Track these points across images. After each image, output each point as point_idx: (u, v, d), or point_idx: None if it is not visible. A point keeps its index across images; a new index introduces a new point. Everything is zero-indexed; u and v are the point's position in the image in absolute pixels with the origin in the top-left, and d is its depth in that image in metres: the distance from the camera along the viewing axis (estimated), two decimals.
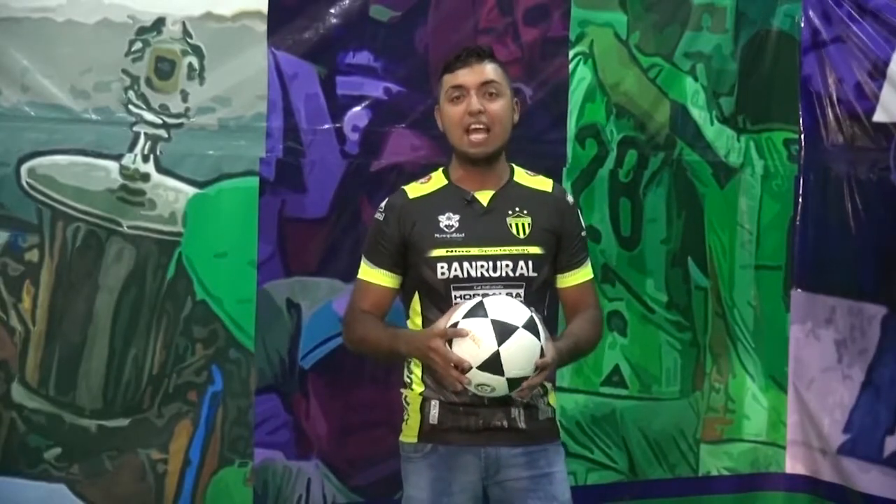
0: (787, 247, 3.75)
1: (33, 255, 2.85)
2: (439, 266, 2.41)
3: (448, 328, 2.28)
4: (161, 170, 2.94)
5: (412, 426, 2.48)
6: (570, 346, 2.44)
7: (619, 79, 3.48)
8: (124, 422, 2.95)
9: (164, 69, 2.93)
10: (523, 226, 2.46)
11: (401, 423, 2.52)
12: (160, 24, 2.92)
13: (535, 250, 2.44)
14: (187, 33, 2.95)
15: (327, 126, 3.14)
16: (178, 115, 2.95)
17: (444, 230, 2.44)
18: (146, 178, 2.92)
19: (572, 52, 3.42)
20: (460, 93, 2.45)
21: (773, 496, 3.76)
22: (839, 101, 3.62)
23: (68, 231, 2.87)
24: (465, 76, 2.45)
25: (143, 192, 2.92)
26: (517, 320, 2.26)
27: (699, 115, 3.60)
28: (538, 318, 2.30)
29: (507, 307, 2.30)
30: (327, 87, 3.13)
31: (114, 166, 2.89)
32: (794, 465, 3.76)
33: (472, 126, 2.43)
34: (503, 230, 2.44)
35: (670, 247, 3.61)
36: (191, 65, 2.96)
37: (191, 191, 2.97)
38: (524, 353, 2.24)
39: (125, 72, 2.90)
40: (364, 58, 3.17)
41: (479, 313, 2.27)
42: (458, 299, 2.39)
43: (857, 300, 3.57)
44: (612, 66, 3.47)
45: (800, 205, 3.75)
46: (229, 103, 3.00)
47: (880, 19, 3.47)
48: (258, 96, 3.04)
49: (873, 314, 3.53)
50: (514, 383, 2.26)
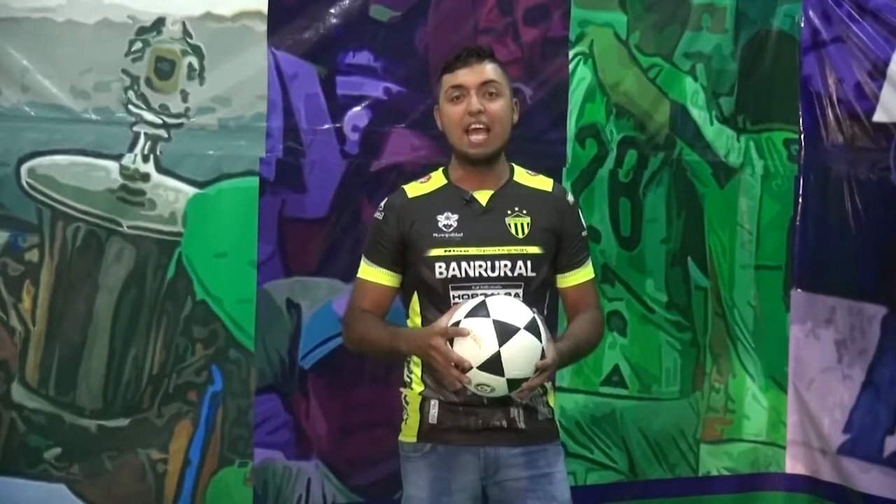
0: (787, 247, 3.75)
1: (33, 255, 2.85)
2: (437, 266, 2.42)
3: (449, 327, 2.28)
4: (161, 170, 2.94)
5: (411, 426, 2.48)
6: (571, 346, 2.44)
7: (619, 79, 3.48)
8: (124, 422, 2.95)
9: (164, 69, 2.93)
10: (522, 225, 2.45)
11: (400, 422, 2.52)
12: (160, 24, 2.92)
13: (533, 250, 2.44)
14: (187, 33, 2.95)
15: (327, 126, 3.14)
16: (178, 115, 2.95)
17: (443, 230, 2.44)
18: (146, 178, 2.92)
19: (572, 52, 3.42)
20: (460, 93, 2.45)
21: (773, 496, 3.76)
22: (839, 101, 3.62)
23: (68, 231, 2.87)
24: (465, 76, 2.45)
25: (143, 192, 2.92)
26: (519, 321, 2.25)
27: (699, 115, 3.60)
28: (540, 320, 2.30)
29: (510, 308, 2.29)
30: (327, 87, 3.13)
31: (114, 166, 2.90)
32: (794, 465, 3.76)
33: (472, 126, 2.43)
34: (502, 230, 2.44)
35: (670, 247, 3.61)
36: (191, 65, 2.96)
37: (191, 191, 2.97)
38: (525, 355, 2.24)
39: (125, 72, 2.90)
40: (364, 58, 3.17)
41: (481, 313, 2.27)
42: (456, 299, 2.39)
43: (857, 300, 3.57)
44: (612, 66, 3.47)
45: (800, 205, 3.75)
46: (229, 103, 3.00)
47: (880, 19, 3.47)
48: (258, 96, 3.04)
49: (873, 314, 3.53)
50: (514, 384, 2.25)
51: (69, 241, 2.87)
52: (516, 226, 2.45)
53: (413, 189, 2.53)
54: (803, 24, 3.70)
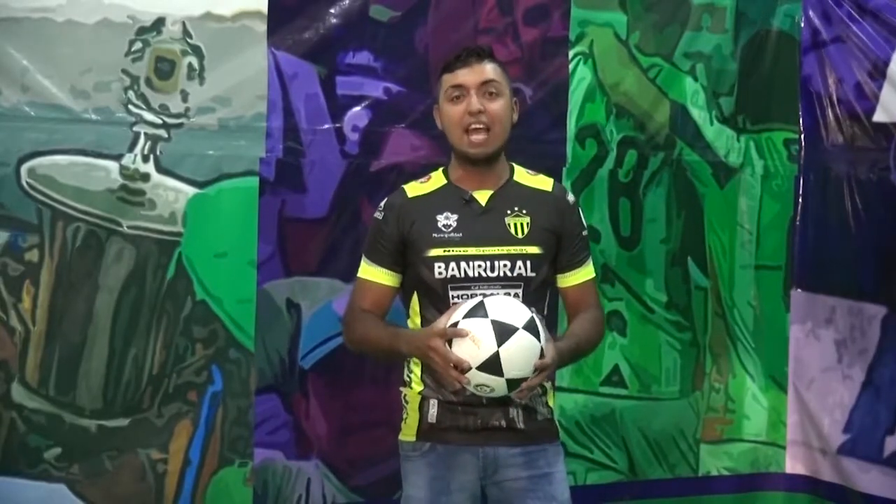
0: (787, 247, 3.75)
1: (33, 255, 2.85)
2: (436, 266, 2.41)
3: (448, 328, 2.27)
4: (161, 170, 2.94)
5: (411, 425, 2.48)
6: (572, 346, 2.44)
7: (619, 79, 3.48)
8: (124, 422, 2.95)
9: (164, 69, 2.94)
10: (522, 225, 2.45)
11: (400, 422, 2.52)
12: (160, 24, 2.92)
13: (533, 250, 2.43)
14: (187, 33, 2.95)
15: (327, 126, 3.14)
16: (178, 115, 2.95)
17: (442, 230, 2.44)
18: (146, 178, 2.92)
19: (572, 52, 3.42)
20: (460, 92, 2.45)
21: (773, 496, 3.76)
22: (839, 101, 3.62)
23: (68, 231, 2.87)
24: (464, 76, 2.45)
25: (143, 192, 2.92)
26: (517, 321, 2.25)
27: (699, 115, 3.60)
28: (539, 319, 2.30)
29: (508, 308, 2.29)
30: (327, 87, 3.13)
31: (114, 166, 2.90)
32: (794, 465, 3.76)
33: (473, 126, 2.43)
34: (501, 230, 2.44)
35: (670, 247, 3.61)
36: (191, 65, 2.96)
37: (191, 191, 2.98)
38: (524, 355, 2.24)
39: (125, 72, 2.90)
40: (364, 58, 3.17)
41: (479, 313, 2.27)
42: (455, 299, 2.39)
43: (857, 300, 3.57)
44: (612, 66, 3.47)
45: (800, 205, 3.75)
46: (229, 103, 3.00)
47: (880, 19, 3.47)
48: (258, 96, 3.04)
49: (873, 314, 3.53)
50: (514, 384, 2.25)
51: (69, 241, 2.87)
52: (516, 226, 2.45)
53: (413, 189, 2.53)
54: (803, 24, 3.70)
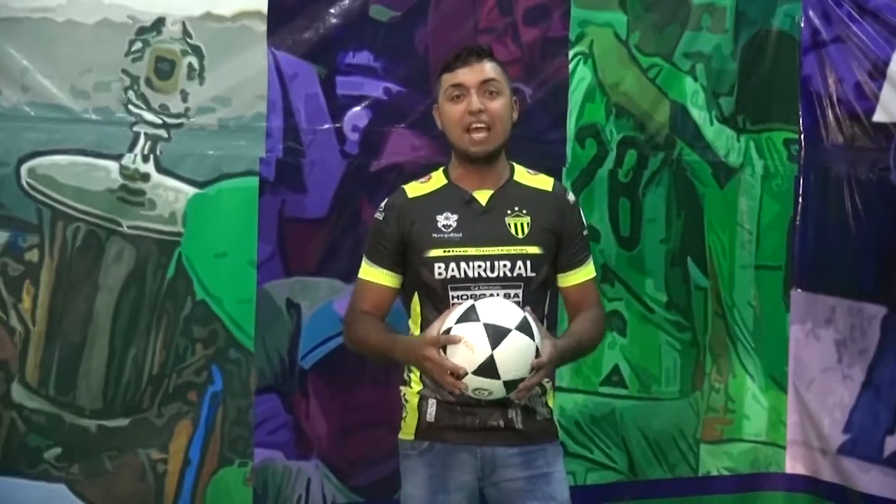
0: (787, 247, 3.75)
1: (33, 255, 2.85)
2: (437, 266, 2.41)
3: (441, 335, 2.27)
4: (161, 170, 2.94)
5: (410, 424, 2.48)
6: (572, 344, 2.44)
7: (619, 79, 3.48)
8: (124, 422, 2.95)
9: (164, 69, 2.94)
10: (522, 225, 2.45)
11: (400, 421, 2.52)
12: (160, 24, 2.92)
13: (533, 250, 2.43)
14: (187, 33, 2.95)
15: (327, 126, 3.14)
16: (178, 115, 2.95)
17: (442, 230, 2.44)
18: (146, 178, 2.92)
19: (572, 52, 3.42)
20: (460, 91, 2.45)
21: (773, 496, 3.76)
22: (839, 101, 3.61)
23: (68, 231, 2.87)
24: (464, 75, 2.44)
25: (143, 192, 2.92)
26: (510, 322, 2.25)
27: (699, 115, 3.60)
28: (531, 318, 2.29)
29: (499, 309, 2.28)
30: (327, 87, 3.13)
31: (114, 166, 2.90)
32: (794, 465, 3.76)
33: (473, 125, 2.43)
34: (501, 230, 2.44)
35: (670, 247, 3.61)
36: (191, 65, 2.96)
37: (191, 191, 2.98)
38: (519, 355, 2.24)
39: (125, 72, 2.90)
40: (364, 58, 3.17)
41: (471, 317, 2.26)
42: (455, 300, 2.39)
43: (857, 300, 3.57)
44: (612, 66, 3.47)
45: (800, 205, 3.75)
46: (229, 103, 3.00)
47: (880, 19, 3.47)
48: (258, 96, 3.04)
49: (873, 314, 3.53)
50: (511, 385, 2.25)
51: (69, 241, 2.87)
52: (516, 226, 2.45)
53: (413, 189, 2.53)
54: (803, 24, 3.70)
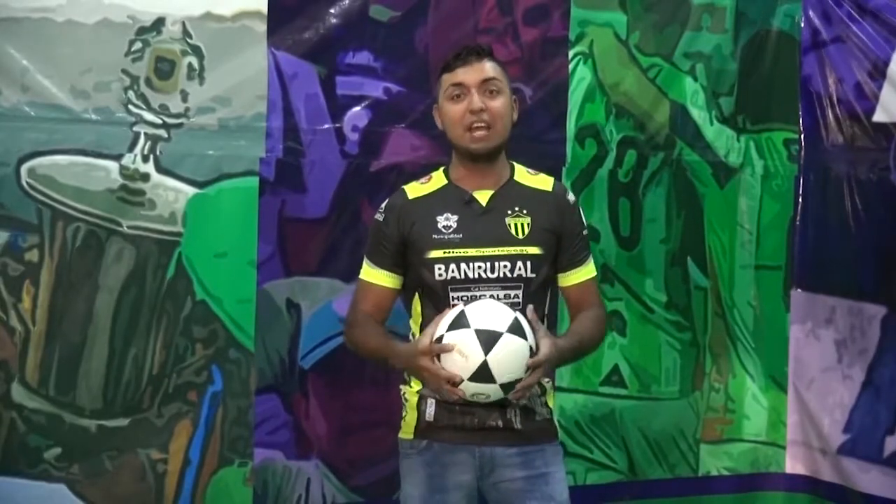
0: (787, 247, 3.75)
1: (33, 255, 2.85)
2: (437, 267, 2.41)
3: (433, 344, 2.27)
4: (161, 170, 2.94)
5: (409, 423, 2.48)
6: (573, 344, 2.44)
7: (619, 79, 3.48)
8: (124, 422, 2.95)
9: (164, 69, 2.94)
10: (522, 226, 2.45)
11: (400, 421, 2.52)
12: (160, 24, 2.92)
13: (533, 250, 2.43)
14: (187, 33, 2.95)
15: (327, 126, 3.14)
16: (178, 115, 2.95)
17: (442, 231, 2.43)
18: (146, 178, 2.92)
19: (572, 52, 3.42)
20: (461, 91, 2.44)
21: (773, 496, 3.76)
22: (839, 101, 3.61)
23: (68, 231, 2.87)
24: (465, 74, 2.44)
25: (143, 192, 2.92)
26: (500, 325, 2.24)
27: (699, 115, 3.60)
28: (523, 319, 2.29)
29: (489, 313, 2.28)
30: (327, 87, 3.13)
31: (114, 166, 2.90)
32: (794, 465, 3.76)
33: (474, 124, 2.42)
34: (502, 230, 2.43)
35: (670, 247, 3.61)
36: (191, 65, 2.96)
37: (191, 191, 2.98)
38: (513, 358, 2.24)
39: (125, 72, 2.90)
40: (364, 58, 3.17)
41: (461, 324, 2.26)
42: (455, 300, 2.38)
43: (857, 300, 3.57)
44: (612, 66, 3.47)
45: (800, 205, 3.75)
46: (229, 103, 3.00)
47: (880, 19, 3.47)
48: (258, 96, 3.04)
49: (873, 314, 3.53)
50: (508, 387, 2.25)
51: (69, 241, 2.87)
52: (516, 226, 2.45)
53: (413, 190, 2.53)
54: (803, 24, 3.70)
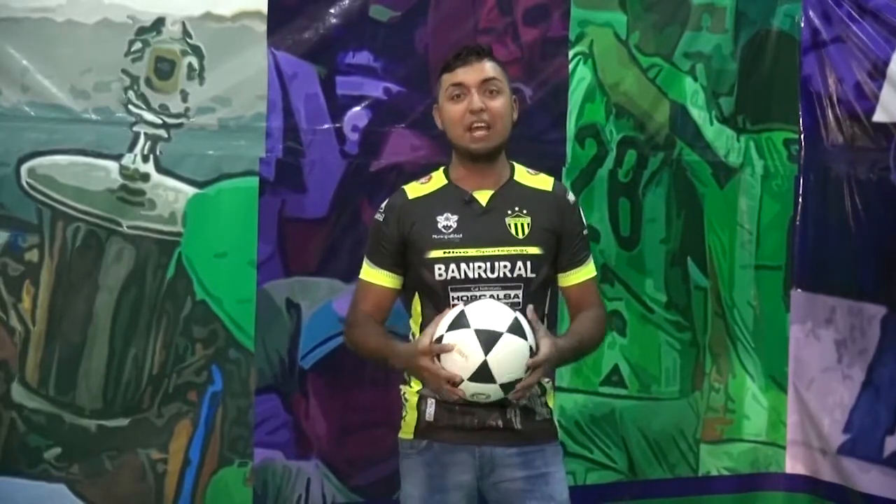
0: (787, 247, 3.75)
1: (33, 255, 2.85)
2: (437, 267, 2.41)
3: (433, 344, 2.27)
4: (161, 170, 2.94)
5: (409, 422, 2.48)
6: (574, 344, 2.44)
7: (619, 79, 3.48)
8: (124, 422, 2.95)
9: (164, 69, 2.94)
10: (522, 226, 2.45)
11: (400, 421, 2.52)
12: (160, 24, 2.92)
13: (533, 250, 2.43)
14: (187, 33, 2.95)
15: (327, 126, 3.14)
16: (178, 115, 2.95)
17: (442, 231, 2.43)
18: (146, 178, 2.93)
19: (572, 52, 3.42)
20: (461, 91, 2.44)
21: (773, 496, 3.76)
22: (839, 101, 3.61)
23: (68, 231, 2.87)
24: (465, 74, 2.44)
25: (143, 192, 2.93)
26: (500, 325, 2.24)
27: (699, 115, 3.60)
28: (523, 319, 2.29)
29: (489, 313, 2.28)
30: (327, 87, 3.14)
31: (114, 166, 2.90)
32: (794, 465, 3.76)
33: (475, 124, 2.42)
34: (502, 230, 2.43)
35: (670, 247, 3.61)
36: (191, 65, 2.96)
37: (191, 191, 2.98)
38: (513, 358, 2.24)
39: (125, 72, 2.90)
40: (364, 58, 3.17)
41: (461, 324, 2.26)
42: (455, 300, 2.38)
43: (857, 300, 3.57)
44: (612, 66, 3.47)
45: (800, 205, 3.75)
46: (229, 103, 3.00)
47: (880, 19, 3.47)
48: (258, 96, 3.04)
49: (873, 314, 3.53)
50: (508, 387, 2.25)
51: (69, 241, 2.88)
52: (516, 226, 2.45)
53: (413, 190, 2.53)
54: (803, 24, 3.70)
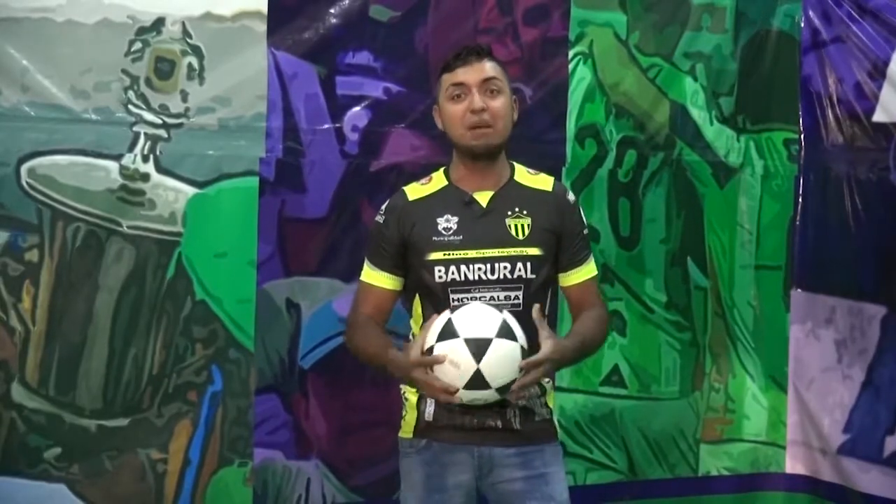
0: (787, 247, 3.75)
1: (33, 255, 2.85)
2: (437, 269, 2.41)
3: (425, 357, 2.26)
4: (161, 170, 2.94)
5: (409, 422, 2.48)
6: (577, 344, 2.43)
7: (619, 79, 3.48)
8: (124, 422, 2.95)
9: (164, 69, 2.94)
10: (523, 227, 2.44)
11: (400, 421, 2.52)
12: (160, 24, 2.92)
13: (534, 251, 2.43)
14: (187, 33, 2.95)
15: (327, 126, 3.14)
16: (177, 115, 2.95)
17: (443, 233, 2.43)
18: (146, 178, 2.93)
19: (572, 52, 3.42)
20: (461, 91, 2.44)
21: (773, 496, 3.76)
22: (839, 101, 3.62)
23: (68, 231, 2.87)
24: (465, 74, 2.44)
25: (143, 192, 2.93)
26: (489, 331, 2.24)
27: (699, 115, 3.60)
28: (511, 319, 2.28)
29: (477, 319, 2.27)
30: (327, 87, 3.13)
31: (114, 166, 2.90)
32: (794, 465, 3.76)
33: (475, 124, 2.42)
34: (502, 231, 2.43)
35: (670, 247, 3.61)
36: (190, 65, 2.96)
37: (191, 191, 2.98)
38: (505, 362, 2.23)
39: (125, 72, 2.90)
40: (364, 58, 3.17)
41: (450, 334, 2.25)
42: (455, 302, 2.38)
43: (857, 300, 3.57)
44: (612, 66, 3.47)
45: (800, 205, 3.75)
46: (229, 103, 3.00)
47: (880, 19, 3.47)
48: (258, 96, 3.04)
49: (873, 314, 3.53)
50: (504, 389, 2.25)
51: (69, 241, 2.88)
52: (516, 227, 2.45)
53: (413, 191, 2.53)
54: (803, 24, 3.70)
